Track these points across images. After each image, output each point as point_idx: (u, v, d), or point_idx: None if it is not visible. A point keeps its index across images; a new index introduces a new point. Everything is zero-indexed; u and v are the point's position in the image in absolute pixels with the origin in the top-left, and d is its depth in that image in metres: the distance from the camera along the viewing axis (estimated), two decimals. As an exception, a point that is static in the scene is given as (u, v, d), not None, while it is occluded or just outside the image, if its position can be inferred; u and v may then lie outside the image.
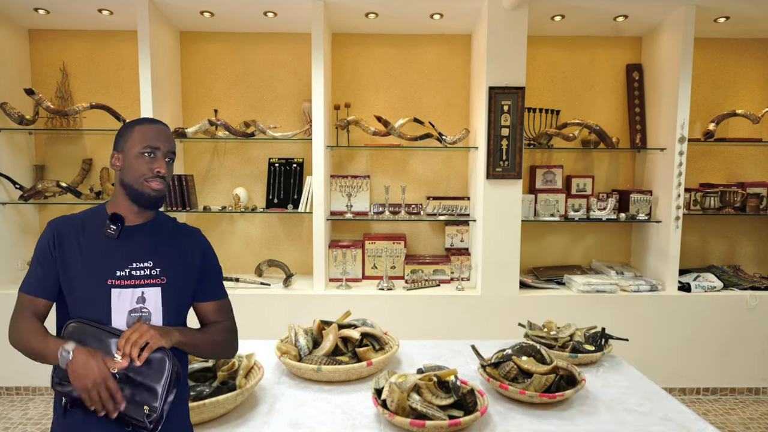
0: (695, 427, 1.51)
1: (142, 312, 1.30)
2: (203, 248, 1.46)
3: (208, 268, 1.46)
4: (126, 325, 1.28)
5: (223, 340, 1.44)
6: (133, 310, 1.29)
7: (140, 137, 1.33)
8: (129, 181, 1.33)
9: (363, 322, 2.09)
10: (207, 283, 1.46)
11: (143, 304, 1.30)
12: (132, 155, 1.33)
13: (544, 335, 2.11)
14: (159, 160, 1.33)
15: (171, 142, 1.37)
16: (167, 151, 1.35)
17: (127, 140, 1.34)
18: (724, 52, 3.69)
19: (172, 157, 1.37)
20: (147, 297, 1.31)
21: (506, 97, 3.17)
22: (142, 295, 1.30)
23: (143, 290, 1.30)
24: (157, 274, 1.32)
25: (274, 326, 3.13)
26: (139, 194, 1.32)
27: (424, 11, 3.23)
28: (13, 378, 3.30)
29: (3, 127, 3.30)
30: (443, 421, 1.40)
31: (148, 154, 1.32)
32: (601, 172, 3.77)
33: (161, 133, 1.36)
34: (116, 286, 1.28)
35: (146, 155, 1.32)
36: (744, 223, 3.78)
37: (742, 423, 3.08)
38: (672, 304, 3.30)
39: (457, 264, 3.47)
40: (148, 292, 1.31)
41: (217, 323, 1.46)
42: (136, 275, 1.30)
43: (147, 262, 1.33)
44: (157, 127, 1.36)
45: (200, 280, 1.43)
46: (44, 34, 3.55)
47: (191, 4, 3.15)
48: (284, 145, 3.66)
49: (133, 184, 1.32)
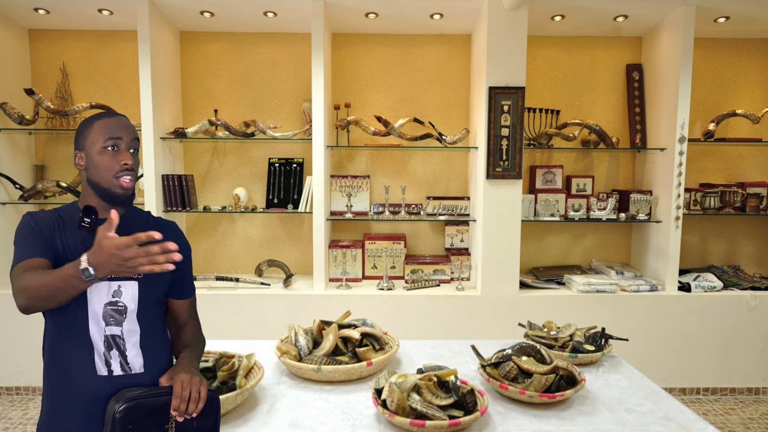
0: (695, 427, 1.51)
1: (118, 305, 1.29)
2: (182, 243, 1.45)
3: (185, 265, 1.46)
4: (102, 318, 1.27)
5: (203, 343, 1.50)
6: (108, 302, 1.28)
7: (100, 131, 1.30)
8: (96, 180, 1.30)
9: (363, 322, 2.09)
10: (183, 279, 1.47)
11: (119, 298, 1.29)
12: (94, 152, 1.30)
13: (544, 335, 2.11)
14: (123, 152, 1.30)
15: (132, 132, 1.33)
16: (130, 140, 1.32)
17: (87, 137, 1.31)
18: (724, 52, 3.69)
19: (136, 146, 1.34)
20: (123, 290, 1.30)
21: (506, 97, 3.17)
22: (119, 289, 1.29)
23: (119, 283, 1.29)
24: None
25: (274, 326, 3.14)
26: (107, 192, 1.30)
27: (424, 11, 3.23)
28: (13, 378, 3.30)
29: (3, 127, 3.30)
30: (443, 421, 1.40)
31: (111, 147, 1.29)
32: (601, 172, 3.77)
33: (121, 124, 1.32)
34: None
35: (109, 149, 1.29)
36: (744, 223, 3.78)
37: (742, 423, 3.08)
38: (672, 304, 3.30)
39: (457, 264, 3.47)
40: (124, 285, 1.30)
41: (189, 324, 1.49)
42: None
43: None
44: (116, 119, 1.33)
45: (176, 276, 1.42)
46: (44, 34, 3.55)
47: (191, 4, 3.15)
48: (284, 145, 3.66)
49: (100, 182, 1.30)
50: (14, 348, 3.23)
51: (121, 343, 1.29)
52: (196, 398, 1.24)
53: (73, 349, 1.27)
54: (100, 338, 1.27)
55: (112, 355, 1.28)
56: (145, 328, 1.33)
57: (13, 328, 3.19)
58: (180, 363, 1.35)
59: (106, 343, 1.28)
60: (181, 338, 1.45)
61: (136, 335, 1.31)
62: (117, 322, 1.29)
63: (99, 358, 1.27)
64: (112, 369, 1.28)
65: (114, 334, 1.28)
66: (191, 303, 1.51)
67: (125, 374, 1.29)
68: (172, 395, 1.24)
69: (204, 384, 1.28)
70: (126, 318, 1.30)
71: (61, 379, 1.29)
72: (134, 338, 1.31)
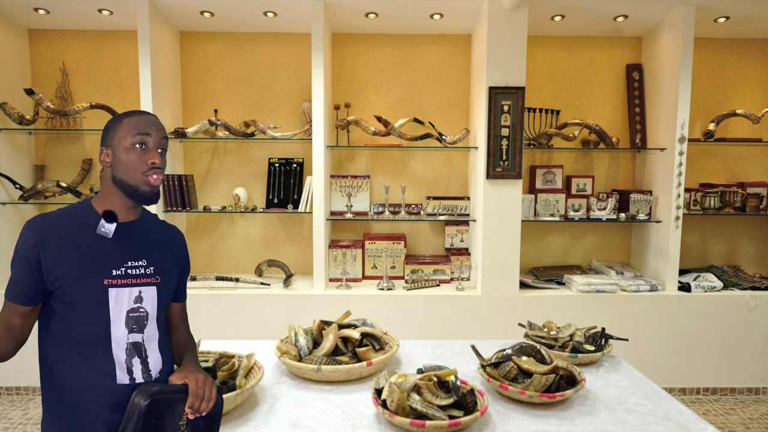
0: (695, 427, 1.51)
1: (140, 312, 1.28)
2: (185, 248, 1.49)
3: (184, 269, 1.48)
4: (124, 326, 1.25)
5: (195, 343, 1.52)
6: (131, 309, 1.26)
7: (129, 128, 1.26)
8: (122, 177, 1.26)
9: (363, 322, 2.09)
10: (181, 282, 1.48)
11: (141, 304, 1.28)
12: (121, 149, 1.26)
13: (544, 335, 2.11)
14: (151, 151, 1.27)
15: (162, 131, 1.30)
16: (159, 138, 1.28)
17: (115, 134, 1.27)
18: (724, 52, 3.69)
19: (164, 146, 1.31)
20: (144, 296, 1.28)
21: (506, 97, 3.17)
22: (140, 295, 1.28)
23: (140, 289, 1.28)
24: (151, 273, 1.31)
25: (274, 326, 3.14)
26: (135, 190, 1.26)
27: (424, 11, 3.23)
28: (13, 378, 3.30)
29: (3, 127, 3.30)
30: (443, 421, 1.40)
31: (139, 145, 1.25)
32: (601, 172, 3.77)
33: (151, 121, 1.29)
34: (113, 286, 1.24)
35: (137, 147, 1.25)
36: (744, 223, 3.78)
37: (742, 423, 3.08)
38: (672, 304, 3.30)
39: (457, 264, 3.47)
40: (145, 291, 1.29)
41: (181, 325, 1.51)
42: (132, 274, 1.27)
43: (141, 260, 1.30)
44: (146, 116, 1.29)
45: (179, 279, 1.45)
46: (44, 34, 3.55)
47: (191, 4, 3.15)
48: (284, 145, 3.66)
49: (127, 179, 1.26)
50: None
51: (142, 349, 1.28)
52: (209, 397, 1.26)
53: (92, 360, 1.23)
54: (122, 348, 1.25)
55: (134, 363, 1.26)
56: (161, 331, 1.35)
57: (13, 328, 3.19)
58: (188, 363, 1.36)
59: (128, 351, 1.26)
60: (175, 338, 1.47)
61: (155, 340, 1.31)
62: (139, 329, 1.28)
63: (120, 368, 1.24)
64: (134, 376, 1.26)
65: (136, 341, 1.27)
66: (184, 305, 1.54)
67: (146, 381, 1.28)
68: (185, 392, 1.25)
69: (214, 384, 1.31)
70: (147, 323, 1.29)
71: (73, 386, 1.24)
72: (154, 343, 1.31)
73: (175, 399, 1.25)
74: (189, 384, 1.26)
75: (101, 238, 1.26)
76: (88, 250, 1.24)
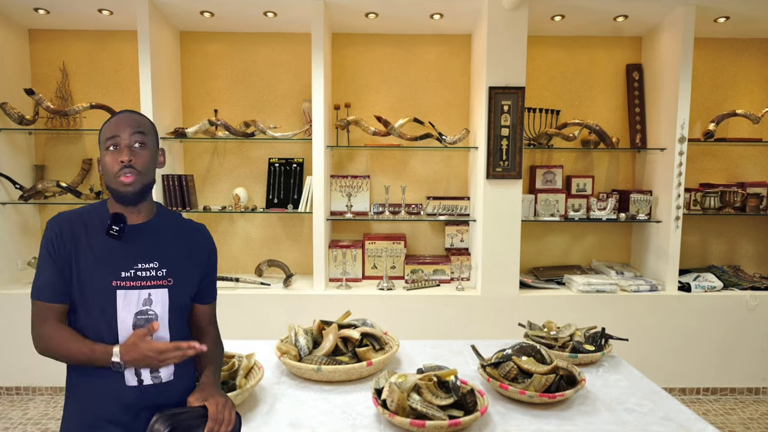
0: (695, 427, 1.51)
1: (149, 314, 1.27)
2: (211, 246, 1.46)
3: (212, 268, 1.46)
4: (132, 327, 1.25)
5: (222, 351, 1.50)
6: (139, 312, 1.26)
7: (104, 133, 1.28)
8: (106, 181, 1.29)
9: (363, 322, 2.09)
10: (208, 283, 1.45)
11: (150, 306, 1.27)
12: (102, 154, 1.29)
13: (544, 335, 2.11)
14: (121, 150, 1.26)
15: (133, 126, 1.27)
16: (129, 135, 1.26)
17: (99, 140, 1.31)
18: (724, 52, 3.68)
19: (140, 140, 1.28)
20: (153, 298, 1.28)
21: (506, 97, 3.17)
22: (149, 297, 1.27)
23: (150, 291, 1.27)
24: (163, 275, 1.30)
25: (274, 326, 3.14)
26: (114, 192, 1.28)
27: (424, 11, 3.23)
28: (13, 378, 3.30)
29: (3, 127, 3.30)
30: (443, 421, 1.40)
31: (113, 147, 1.26)
32: (601, 172, 3.77)
33: (122, 121, 1.28)
34: (121, 287, 1.25)
35: (110, 149, 1.26)
36: (744, 223, 3.78)
37: (742, 423, 3.08)
38: (672, 304, 3.30)
39: (457, 264, 3.47)
40: (154, 293, 1.28)
41: (208, 331, 1.48)
42: (141, 276, 1.27)
43: (153, 262, 1.29)
44: (118, 117, 1.29)
45: (203, 280, 1.42)
46: (44, 34, 3.55)
47: (191, 4, 3.15)
48: (284, 145, 3.66)
49: (109, 183, 1.28)
50: (14, 348, 3.23)
51: None
52: (228, 421, 1.25)
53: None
54: None
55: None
56: (174, 335, 1.31)
57: (13, 328, 3.19)
58: (207, 382, 1.34)
59: None
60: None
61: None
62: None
63: (128, 370, 1.24)
64: (142, 379, 1.26)
65: None
66: (212, 308, 1.50)
67: (155, 384, 1.28)
68: (204, 417, 1.24)
69: (234, 407, 1.29)
70: None
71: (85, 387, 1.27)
72: None
73: (195, 424, 1.23)
74: (209, 408, 1.25)
75: (112, 240, 1.27)
76: (98, 251, 1.26)
